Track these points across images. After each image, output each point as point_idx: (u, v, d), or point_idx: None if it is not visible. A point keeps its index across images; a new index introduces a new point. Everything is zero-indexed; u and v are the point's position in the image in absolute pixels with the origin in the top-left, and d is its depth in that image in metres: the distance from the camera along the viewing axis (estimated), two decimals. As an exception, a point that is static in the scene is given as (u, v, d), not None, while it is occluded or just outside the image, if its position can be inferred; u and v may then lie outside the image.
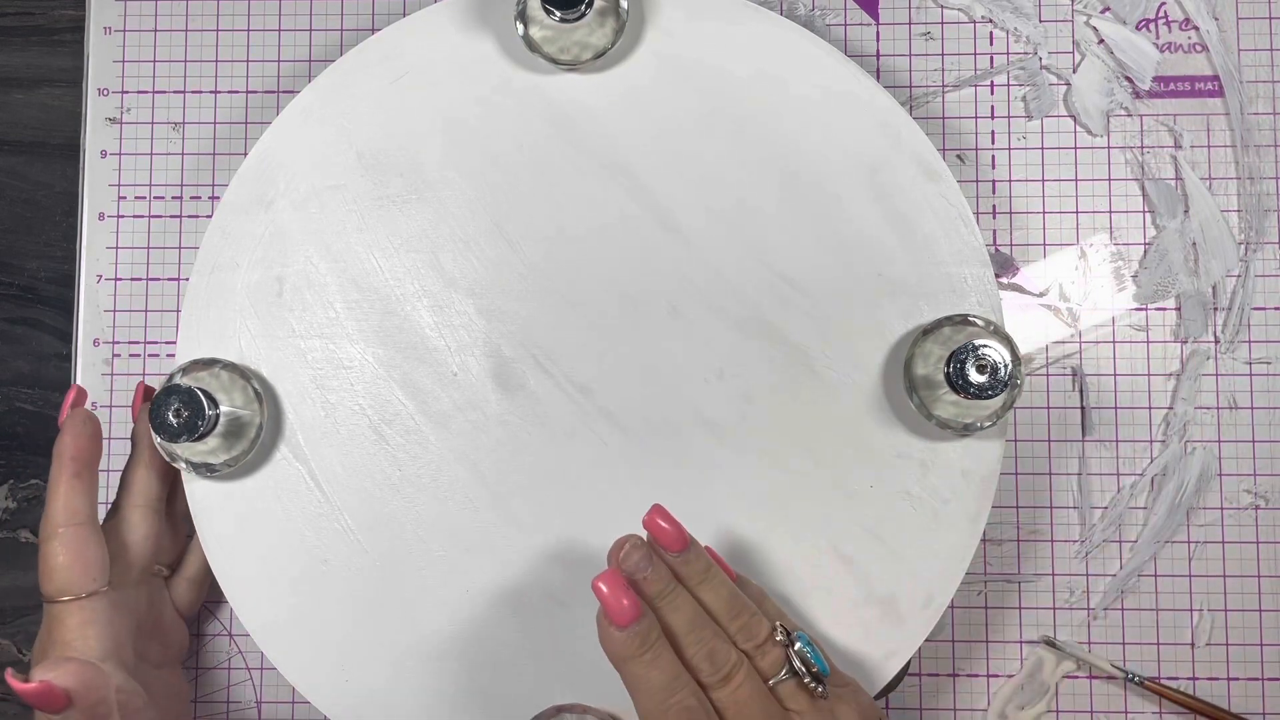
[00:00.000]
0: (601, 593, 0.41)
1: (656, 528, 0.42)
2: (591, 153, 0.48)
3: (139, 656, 0.46)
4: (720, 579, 0.43)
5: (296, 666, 0.47)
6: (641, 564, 0.42)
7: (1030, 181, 0.53)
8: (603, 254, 0.48)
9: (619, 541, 0.42)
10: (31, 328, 0.55)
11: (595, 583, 0.41)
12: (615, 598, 0.40)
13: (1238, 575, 0.51)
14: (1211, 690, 0.51)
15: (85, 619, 0.44)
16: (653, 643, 0.41)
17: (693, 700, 0.40)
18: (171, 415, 0.44)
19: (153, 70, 0.55)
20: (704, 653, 0.41)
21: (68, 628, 0.43)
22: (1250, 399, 0.52)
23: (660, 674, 0.40)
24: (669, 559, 0.42)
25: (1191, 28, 0.53)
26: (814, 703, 0.41)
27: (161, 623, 0.49)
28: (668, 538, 0.42)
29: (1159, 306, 0.52)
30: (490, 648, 0.47)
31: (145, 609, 0.48)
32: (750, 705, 0.41)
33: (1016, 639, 0.52)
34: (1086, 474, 0.52)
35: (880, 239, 0.47)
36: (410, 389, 0.48)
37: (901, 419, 0.47)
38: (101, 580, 0.44)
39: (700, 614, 0.42)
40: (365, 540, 0.47)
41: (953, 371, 0.44)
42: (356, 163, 0.49)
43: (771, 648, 0.42)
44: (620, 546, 0.42)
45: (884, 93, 0.48)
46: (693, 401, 0.47)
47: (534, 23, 0.47)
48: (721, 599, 0.42)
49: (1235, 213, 0.52)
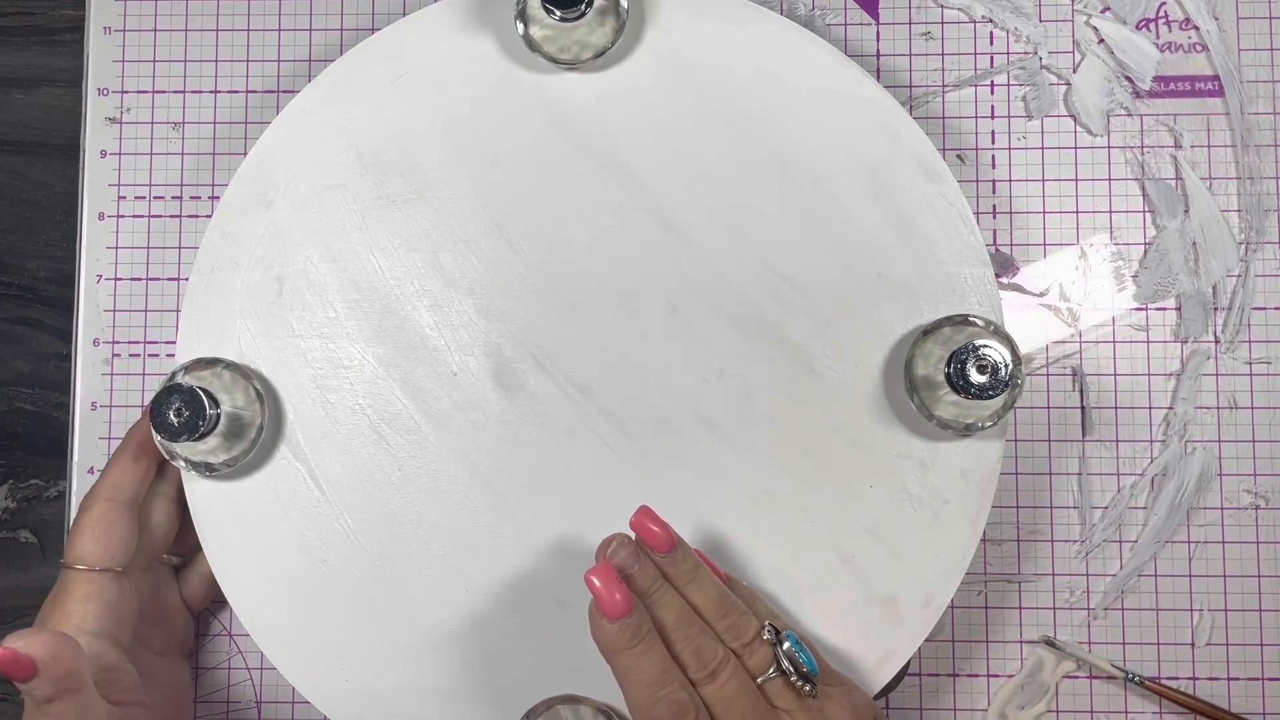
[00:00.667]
0: (594, 585, 0.41)
1: (644, 529, 0.43)
2: (592, 152, 0.48)
3: (140, 641, 0.47)
4: (708, 579, 0.43)
5: (296, 666, 0.47)
6: (629, 561, 0.42)
7: (1030, 181, 0.53)
8: (603, 253, 0.48)
9: (607, 539, 0.42)
10: (31, 328, 0.55)
11: (588, 575, 0.41)
12: (608, 591, 0.41)
13: (1238, 575, 0.51)
14: (1211, 690, 0.51)
15: (90, 592, 0.45)
16: (643, 636, 0.41)
17: (682, 694, 0.40)
18: (172, 414, 0.44)
19: (152, 70, 0.55)
20: (691, 649, 0.41)
21: (72, 597, 0.45)
22: (1250, 399, 0.52)
23: (651, 666, 0.40)
24: (656, 559, 0.43)
25: (1192, 27, 0.53)
26: (802, 701, 0.41)
27: (166, 611, 0.50)
28: (655, 539, 0.42)
29: (1159, 306, 0.52)
30: (490, 647, 0.47)
31: (150, 595, 0.49)
32: (737, 702, 0.41)
33: (1016, 639, 0.52)
34: (1086, 474, 0.52)
35: (880, 239, 0.47)
36: (410, 389, 0.48)
37: (902, 419, 0.47)
38: (120, 561, 0.46)
39: (687, 611, 0.42)
40: (365, 540, 0.47)
41: (953, 372, 0.44)
42: (356, 162, 0.49)
43: (759, 646, 0.42)
44: (608, 544, 0.42)
45: (884, 93, 0.48)
46: (692, 401, 0.47)
47: (534, 22, 0.47)
48: (709, 599, 0.43)
49: (1235, 213, 0.52)
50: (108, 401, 0.53)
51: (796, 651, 0.42)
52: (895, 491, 0.46)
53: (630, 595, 0.41)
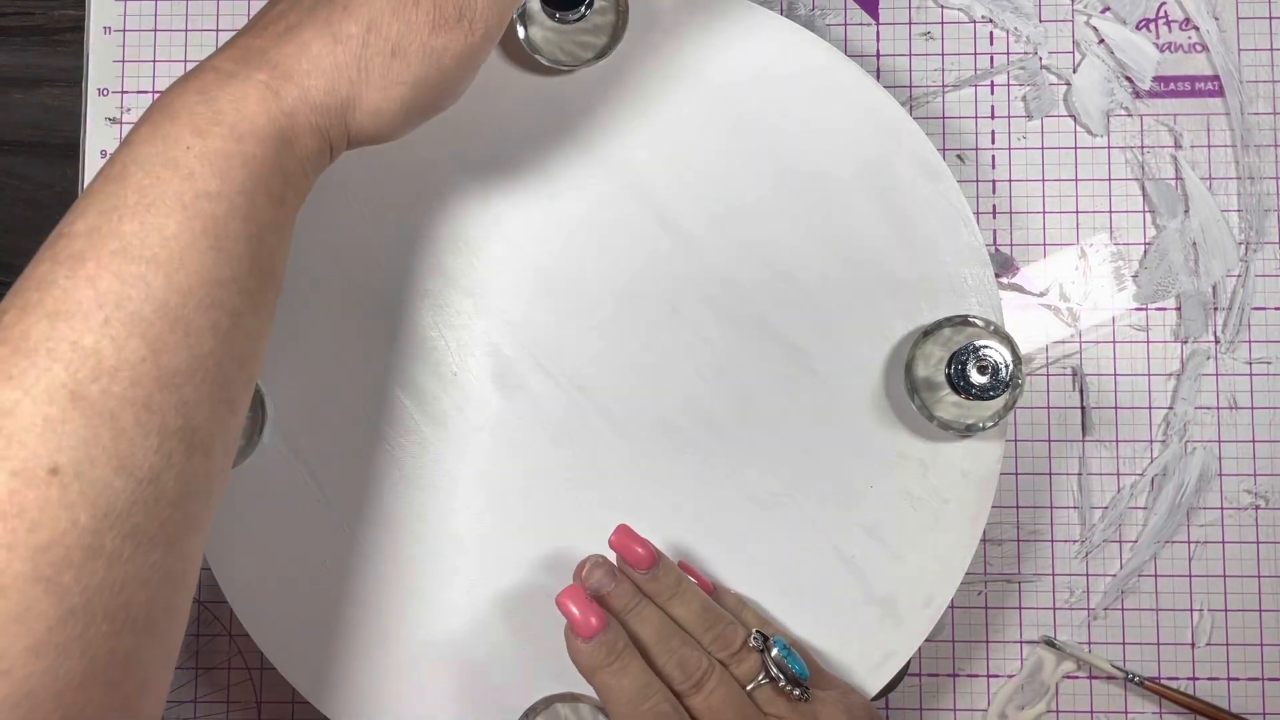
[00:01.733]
0: (565, 607, 0.41)
1: (623, 547, 0.43)
2: (592, 152, 0.48)
3: None
4: (692, 592, 0.43)
5: (296, 666, 0.47)
6: (605, 580, 0.42)
7: (1030, 181, 0.53)
8: (603, 253, 0.48)
9: (582, 561, 0.43)
10: (31, 328, 0.55)
11: (559, 598, 0.41)
12: (581, 612, 0.41)
13: (1238, 575, 0.51)
14: (1211, 690, 0.51)
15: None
16: (619, 651, 0.41)
17: (665, 706, 0.40)
18: (171, 415, 0.44)
19: (153, 70, 0.55)
20: (674, 661, 0.41)
21: None
22: (1250, 399, 0.52)
23: (631, 681, 0.40)
24: (636, 577, 0.43)
25: (1191, 28, 0.53)
26: (793, 706, 0.41)
27: None
28: (634, 556, 0.43)
29: (1159, 306, 0.52)
30: (490, 647, 0.47)
31: None
32: (725, 710, 0.41)
33: (1016, 639, 0.52)
34: (1086, 474, 0.52)
35: (880, 239, 0.47)
36: (410, 389, 0.48)
37: (901, 419, 0.47)
38: None
39: (668, 624, 0.42)
40: (365, 540, 0.47)
41: (954, 373, 0.44)
42: (356, 162, 0.48)
43: (747, 654, 0.42)
44: (583, 566, 0.43)
45: (884, 93, 0.48)
46: (692, 401, 0.47)
47: (534, 23, 0.47)
48: (693, 611, 0.43)
49: (1235, 213, 0.52)
50: (108, 401, 0.53)
51: (784, 656, 0.42)
52: (895, 492, 0.46)
53: (603, 614, 0.41)
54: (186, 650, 0.52)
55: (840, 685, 0.44)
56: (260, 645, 0.47)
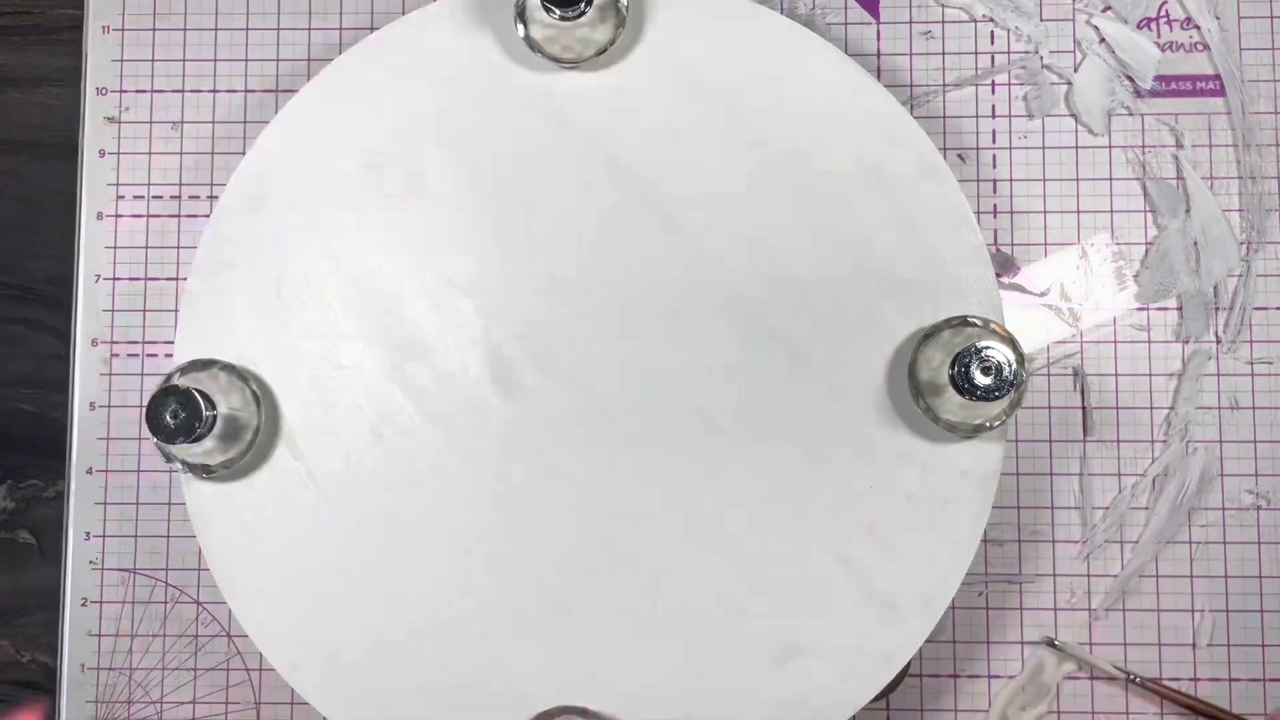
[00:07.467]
0: None
1: None
2: (592, 151, 0.48)
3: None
4: None
5: (296, 667, 0.47)
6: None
7: (1031, 181, 0.53)
8: (603, 253, 0.48)
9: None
10: (30, 328, 0.55)
11: None
12: None
13: (1239, 576, 0.51)
14: (1213, 691, 0.51)
15: None
16: None
17: None
18: (169, 417, 0.44)
19: (151, 69, 0.54)
20: None
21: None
22: (1252, 399, 0.52)
23: None
24: None
25: (1193, 27, 0.53)
26: None
27: None
28: None
29: (1160, 306, 0.52)
30: (490, 649, 0.47)
31: None
32: None
33: (1017, 640, 0.51)
34: (1088, 474, 0.52)
35: (881, 239, 0.47)
36: (410, 389, 0.48)
37: (902, 419, 0.47)
38: None
39: None
40: (364, 541, 0.47)
41: (957, 374, 0.44)
42: (356, 162, 0.48)
43: None
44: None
45: (884, 92, 0.48)
46: (693, 401, 0.47)
47: (534, 21, 0.47)
48: None
49: (1237, 212, 0.52)
50: (106, 402, 0.53)
51: None
52: (895, 491, 0.46)
53: None
54: (186, 651, 0.52)
55: None
56: (260, 645, 0.47)
